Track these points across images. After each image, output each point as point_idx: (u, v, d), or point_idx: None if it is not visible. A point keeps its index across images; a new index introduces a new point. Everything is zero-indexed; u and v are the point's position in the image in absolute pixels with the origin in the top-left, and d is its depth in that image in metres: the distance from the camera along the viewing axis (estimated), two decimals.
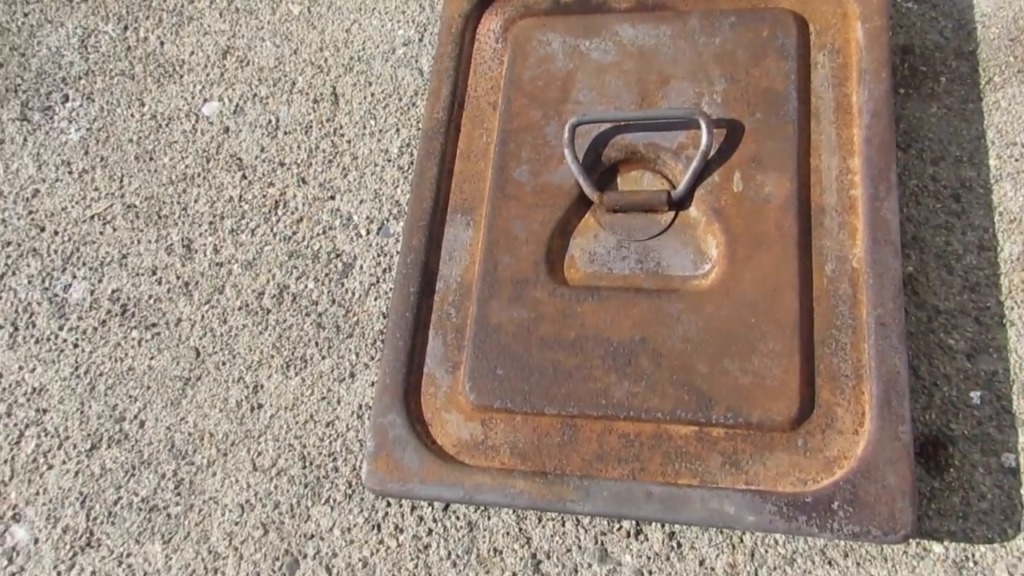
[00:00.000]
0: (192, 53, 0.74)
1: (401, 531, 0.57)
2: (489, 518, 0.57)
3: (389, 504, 0.58)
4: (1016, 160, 0.60)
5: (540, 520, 0.56)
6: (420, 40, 0.71)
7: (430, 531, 0.57)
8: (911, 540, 0.51)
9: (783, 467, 0.51)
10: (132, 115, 0.72)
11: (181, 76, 0.74)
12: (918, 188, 0.61)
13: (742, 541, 0.54)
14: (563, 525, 0.56)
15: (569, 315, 0.55)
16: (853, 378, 0.51)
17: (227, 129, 0.71)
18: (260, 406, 0.62)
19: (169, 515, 0.60)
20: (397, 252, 0.64)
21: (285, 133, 0.70)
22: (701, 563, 0.53)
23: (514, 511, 0.57)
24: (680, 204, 0.57)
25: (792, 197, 0.55)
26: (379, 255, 0.65)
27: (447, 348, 0.57)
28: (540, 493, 0.51)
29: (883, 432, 0.49)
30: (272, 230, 0.67)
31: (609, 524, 0.55)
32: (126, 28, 0.77)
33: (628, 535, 0.55)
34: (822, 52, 0.60)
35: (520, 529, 0.56)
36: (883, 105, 0.57)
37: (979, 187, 0.60)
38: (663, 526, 0.55)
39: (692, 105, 0.59)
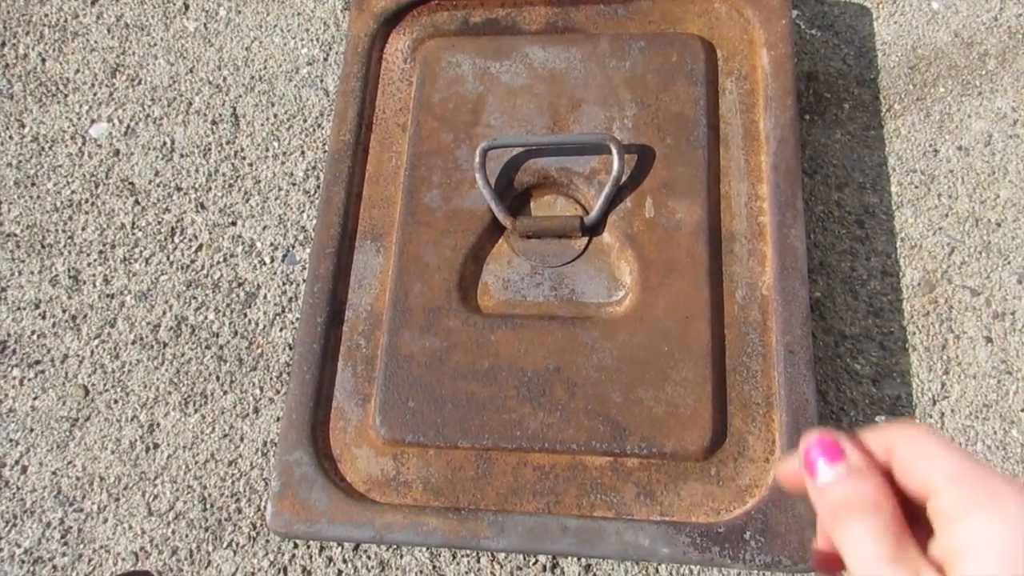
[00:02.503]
0: (77, 71, 0.74)
1: (309, 573, 0.58)
2: (402, 556, 0.58)
3: (296, 546, 0.59)
4: (916, 187, 0.66)
5: (454, 557, 0.58)
6: (325, 59, 0.73)
7: (340, 572, 0.58)
8: None
9: (696, 497, 0.54)
10: (11, 137, 0.71)
11: (66, 96, 0.73)
12: (824, 214, 0.66)
13: (658, 572, 0.56)
14: (478, 561, 0.57)
15: (483, 344, 0.57)
16: (764, 406, 0.55)
17: (117, 152, 0.71)
18: (156, 446, 0.62)
19: (55, 567, 0.59)
20: (303, 280, 0.65)
21: (182, 156, 0.70)
22: None
23: (428, 548, 0.58)
24: (593, 230, 0.60)
25: (702, 224, 0.59)
26: (284, 283, 0.66)
27: (357, 380, 0.58)
28: (453, 530, 0.53)
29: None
30: (168, 258, 0.67)
31: (525, 559, 0.57)
32: (3, 44, 0.75)
33: (544, 569, 0.57)
34: (730, 78, 0.64)
35: (434, 567, 0.57)
36: (789, 132, 0.61)
37: (882, 213, 0.65)
38: (579, 560, 0.57)
39: (603, 130, 0.63)
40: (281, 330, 0.64)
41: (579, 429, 0.55)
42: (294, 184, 0.69)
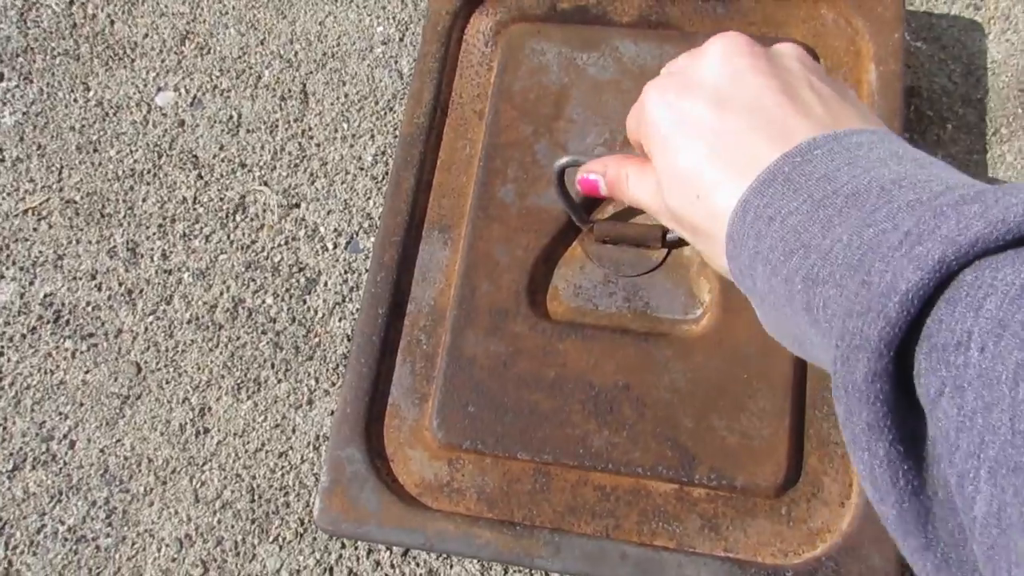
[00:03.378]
0: (146, 36, 0.73)
1: None
2: (451, 567, 0.57)
3: (344, 546, 0.58)
4: None
5: (506, 572, 0.56)
6: (401, 40, 0.71)
7: None
8: None
9: (764, 536, 0.52)
10: (75, 100, 0.71)
11: (133, 60, 0.72)
12: None
13: None
14: (531, 573, 0.56)
15: (550, 352, 0.55)
16: (843, 446, 0.53)
17: (182, 122, 0.70)
18: (206, 431, 0.61)
19: (98, 547, 0.58)
20: (366, 270, 0.64)
21: (248, 131, 0.69)
22: None
23: (479, 561, 0.57)
24: (674, 242, 0.58)
25: None
26: (346, 272, 0.65)
27: (415, 378, 0.57)
28: (507, 546, 0.51)
29: (871, 507, 0.51)
30: (229, 237, 0.66)
31: None
32: (72, 3, 0.75)
33: None
34: None
35: None
36: None
37: None
38: None
39: None
40: (340, 320, 0.63)
41: (646, 452, 0.53)
42: (362, 169, 0.67)
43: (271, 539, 0.58)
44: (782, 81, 0.38)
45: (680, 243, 0.57)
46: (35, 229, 0.67)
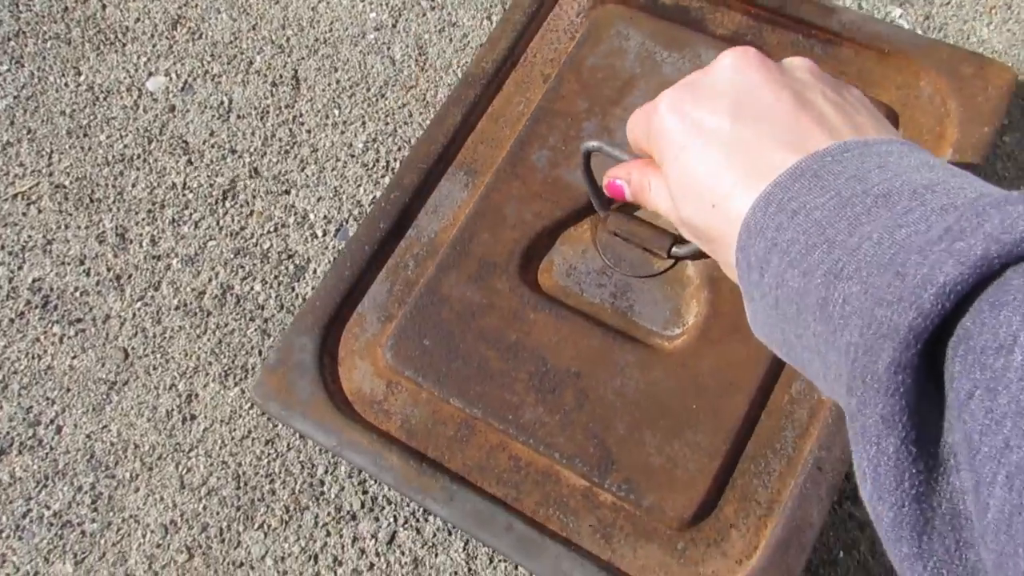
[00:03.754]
0: (137, 20, 0.73)
1: (340, 563, 0.57)
2: (436, 556, 0.57)
3: (328, 534, 0.58)
4: None
5: (491, 561, 0.56)
6: (393, 26, 0.71)
7: (372, 565, 0.57)
8: None
9: (651, 562, 0.51)
10: (66, 84, 0.70)
11: (124, 45, 0.72)
12: None
13: None
14: (516, 568, 0.56)
15: (519, 318, 0.55)
16: (764, 508, 0.51)
17: (173, 108, 0.69)
18: (193, 417, 0.61)
19: (84, 532, 0.59)
20: None
21: (238, 117, 0.69)
22: None
23: (464, 548, 0.57)
24: (680, 256, 0.57)
25: None
26: (335, 259, 0.64)
27: (389, 297, 0.58)
28: (408, 476, 0.52)
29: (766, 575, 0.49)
30: (218, 224, 0.66)
31: None
32: None
33: None
34: None
35: (470, 569, 0.56)
36: None
37: None
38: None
39: None
40: None
41: (570, 441, 0.52)
42: (352, 156, 0.67)
43: (256, 526, 0.58)
44: (795, 92, 0.38)
45: (687, 257, 0.57)
46: (24, 214, 0.67)
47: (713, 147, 0.38)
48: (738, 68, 0.39)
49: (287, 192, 0.66)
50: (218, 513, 0.59)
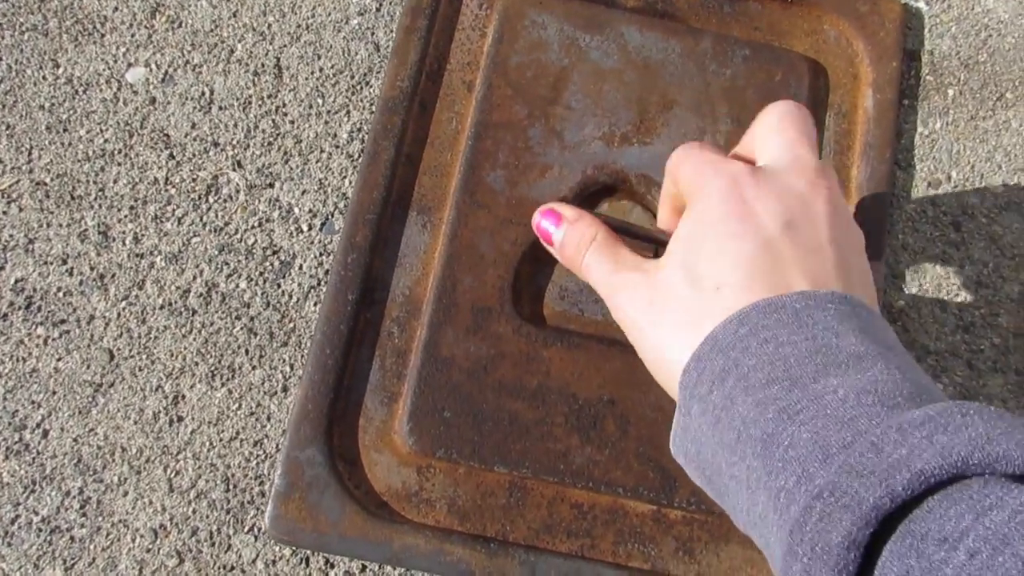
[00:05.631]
0: (116, 9, 0.70)
1: (332, 566, 0.56)
2: None
3: None
4: (1023, 188, 0.60)
5: None
6: (377, 10, 0.68)
7: (364, 568, 0.56)
8: None
9: (736, 561, 0.50)
10: (44, 78, 0.68)
11: (102, 35, 0.69)
12: (916, 213, 0.60)
13: None
14: None
15: (534, 359, 0.53)
16: None
17: (154, 100, 0.67)
18: (180, 419, 0.60)
19: (73, 538, 0.58)
20: None
21: (220, 108, 0.67)
22: None
23: None
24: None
25: None
26: (321, 254, 0.62)
27: (384, 374, 0.55)
28: (481, 564, 0.50)
29: None
30: (202, 219, 0.64)
31: None
32: None
33: None
34: (829, 113, 0.58)
35: None
36: (884, 186, 0.56)
37: (982, 216, 0.59)
38: None
39: (693, 139, 0.57)
40: (315, 304, 0.61)
41: (627, 472, 0.51)
42: (337, 147, 0.65)
43: (246, 529, 0.57)
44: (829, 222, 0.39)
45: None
46: (5, 212, 0.65)
47: (749, 237, 0.37)
48: (815, 183, 0.39)
49: (271, 185, 0.65)
50: (208, 516, 0.58)
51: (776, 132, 0.41)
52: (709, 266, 0.37)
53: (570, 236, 0.45)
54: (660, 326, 0.38)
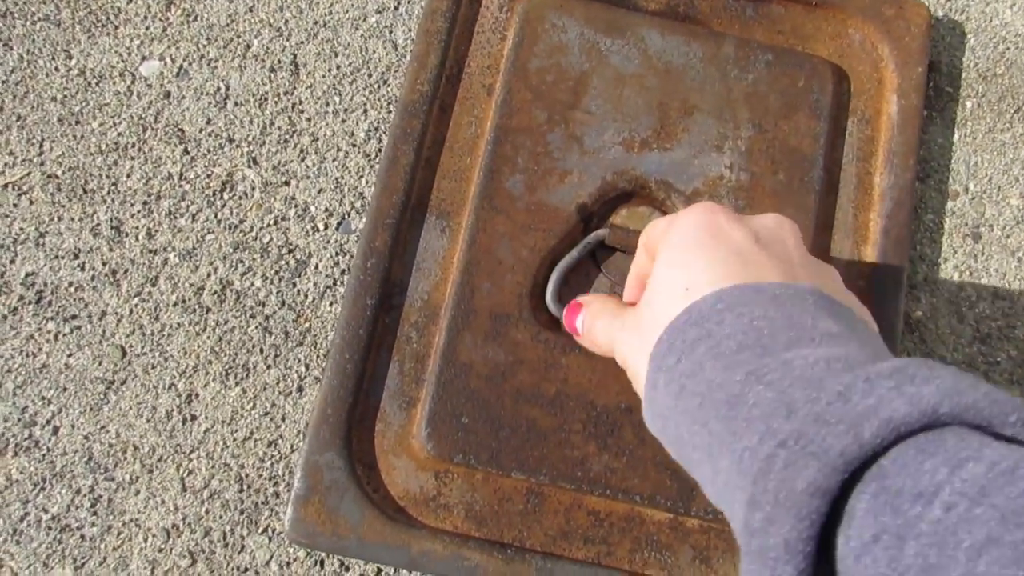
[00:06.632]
0: (130, 1, 0.69)
1: (347, 569, 0.55)
2: None
3: None
4: None
5: None
6: (396, 8, 0.67)
7: (379, 571, 0.55)
8: None
9: None
10: (57, 69, 0.67)
11: (116, 27, 0.68)
12: (934, 224, 0.60)
13: None
14: None
15: (552, 366, 0.53)
16: None
17: (168, 94, 0.66)
18: (193, 418, 0.59)
19: (83, 536, 0.57)
20: None
21: (236, 104, 0.66)
22: None
23: None
24: None
25: None
26: (337, 254, 0.62)
27: (403, 379, 0.54)
28: (498, 570, 0.49)
29: None
30: (216, 216, 0.63)
31: None
32: None
33: None
34: (852, 118, 0.58)
35: None
36: (906, 195, 0.56)
37: (999, 228, 0.59)
38: None
39: (715, 147, 0.57)
40: (331, 304, 0.61)
41: (645, 480, 0.51)
42: (354, 145, 0.64)
43: (260, 530, 0.57)
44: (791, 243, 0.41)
45: None
46: (15, 205, 0.64)
47: (722, 247, 0.38)
48: (781, 220, 0.41)
49: (287, 183, 0.64)
50: (221, 517, 0.57)
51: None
52: (681, 273, 0.38)
53: (592, 322, 0.48)
54: (640, 339, 0.39)
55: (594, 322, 0.46)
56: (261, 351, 0.60)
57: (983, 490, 0.23)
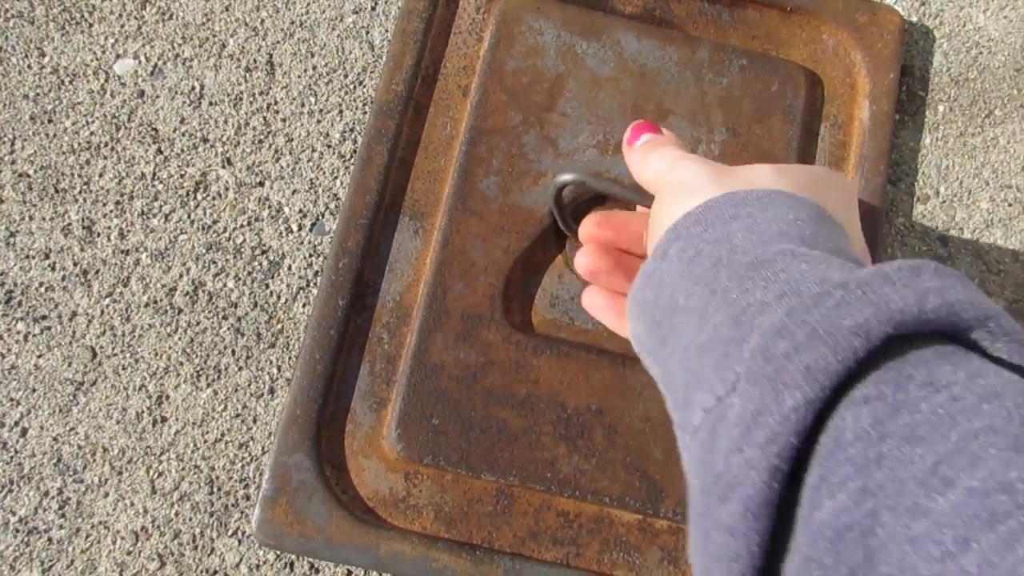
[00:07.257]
0: None
1: (317, 571, 0.55)
2: None
3: None
4: (1010, 204, 0.60)
5: None
6: (372, 8, 0.67)
7: (349, 573, 0.54)
8: None
9: None
10: (29, 66, 0.66)
11: (91, 25, 0.68)
12: (905, 227, 0.60)
13: None
14: None
15: (523, 367, 0.52)
16: None
17: (142, 93, 0.66)
18: (164, 420, 0.58)
19: (51, 539, 0.56)
20: None
21: (210, 103, 0.65)
22: None
23: None
24: None
25: None
26: (311, 255, 0.61)
27: (374, 380, 0.54)
28: (466, 571, 0.49)
29: None
30: (189, 216, 0.62)
31: None
32: None
33: None
34: (825, 123, 0.58)
35: None
36: (877, 198, 0.56)
37: (968, 231, 0.59)
38: None
39: (688, 149, 0.57)
40: (304, 306, 0.60)
41: (614, 482, 0.51)
42: (329, 146, 0.64)
43: (230, 533, 0.56)
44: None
45: None
46: None
47: (755, 167, 0.39)
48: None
49: (261, 184, 0.63)
50: (191, 519, 0.56)
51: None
52: (717, 170, 0.38)
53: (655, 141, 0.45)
54: (670, 209, 0.38)
55: (666, 146, 0.43)
56: (233, 352, 0.59)
57: (996, 394, 0.23)
